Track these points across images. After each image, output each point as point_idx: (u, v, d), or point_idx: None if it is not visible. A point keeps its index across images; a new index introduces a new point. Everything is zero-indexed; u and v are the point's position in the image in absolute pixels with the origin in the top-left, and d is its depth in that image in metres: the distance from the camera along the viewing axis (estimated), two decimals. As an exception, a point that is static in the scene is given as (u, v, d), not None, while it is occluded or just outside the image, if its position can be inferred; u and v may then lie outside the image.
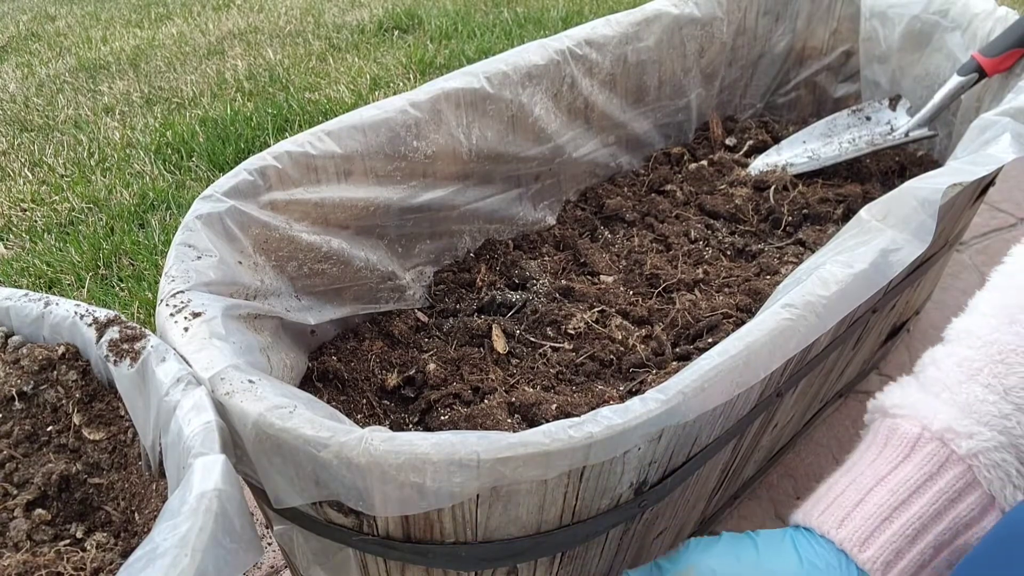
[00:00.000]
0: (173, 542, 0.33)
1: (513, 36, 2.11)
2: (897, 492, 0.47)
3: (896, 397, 0.51)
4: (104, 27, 2.51)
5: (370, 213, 0.76)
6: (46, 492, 0.46)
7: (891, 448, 0.49)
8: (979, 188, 0.83)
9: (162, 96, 1.89)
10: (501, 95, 0.84)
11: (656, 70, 1.03)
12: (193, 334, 0.50)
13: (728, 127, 1.16)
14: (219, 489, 0.37)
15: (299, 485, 0.44)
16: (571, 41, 0.91)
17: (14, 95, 1.95)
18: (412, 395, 0.70)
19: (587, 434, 0.42)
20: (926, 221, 0.56)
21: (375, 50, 2.09)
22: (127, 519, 0.46)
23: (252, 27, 2.37)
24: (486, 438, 0.41)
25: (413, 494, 0.41)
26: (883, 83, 1.09)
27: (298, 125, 1.64)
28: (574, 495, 0.46)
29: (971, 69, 0.87)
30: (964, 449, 0.46)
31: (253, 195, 0.65)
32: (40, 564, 0.41)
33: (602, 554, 0.56)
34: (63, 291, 1.17)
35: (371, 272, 0.77)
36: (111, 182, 1.45)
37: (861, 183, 0.98)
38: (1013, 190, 1.38)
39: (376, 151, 0.74)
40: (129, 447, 0.49)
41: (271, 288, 0.65)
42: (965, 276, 1.19)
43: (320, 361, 0.70)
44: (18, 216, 1.38)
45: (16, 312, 0.54)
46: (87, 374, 0.51)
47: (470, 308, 0.81)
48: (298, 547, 0.52)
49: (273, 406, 0.43)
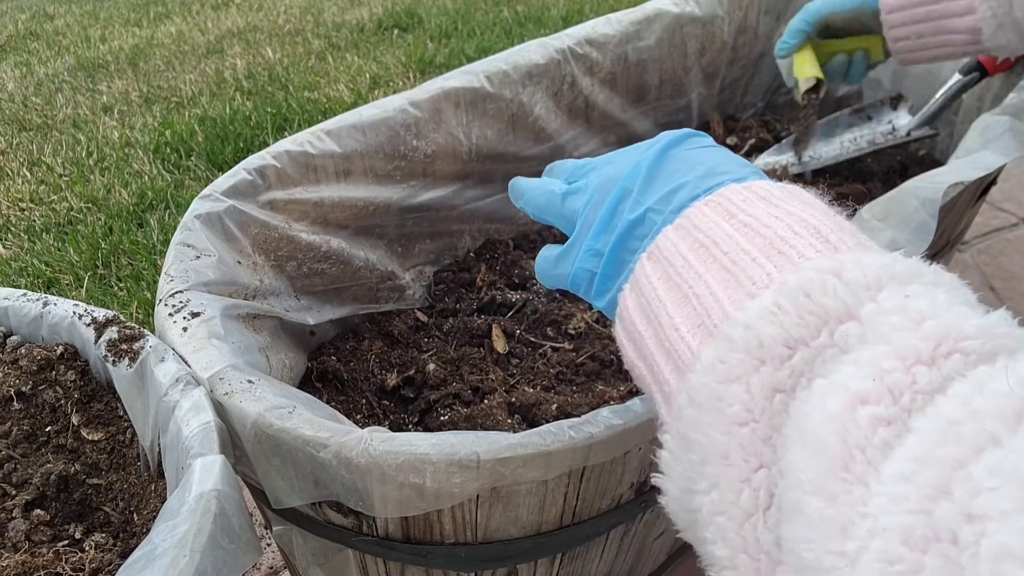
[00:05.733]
0: (172, 543, 0.33)
1: (513, 35, 2.11)
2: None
3: None
4: (103, 26, 2.51)
5: (370, 213, 0.75)
6: (45, 492, 0.46)
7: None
8: (980, 187, 0.83)
9: (161, 95, 1.89)
10: (501, 94, 0.84)
11: (657, 69, 1.02)
12: (192, 334, 0.49)
13: (729, 126, 1.16)
14: (218, 490, 0.36)
15: (298, 486, 0.44)
16: (571, 40, 0.91)
17: (12, 94, 1.94)
18: (412, 395, 0.70)
19: (587, 434, 0.42)
20: (927, 221, 0.56)
21: (375, 49, 2.09)
22: (126, 520, 0.46)
23: (251, 26, 2.37)
24: (486, 438, 0.41)
25: (412, 494, 0.41)
26: (885, 82, 1.09)
27: (297, 124, 1.64)
28: (574, 495, 0.46)
29: (973, 68, 0.87)
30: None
31: (252, 194, 0.65)
32: (39, 565, 0.40)
33: (603, 555, 0.56)
34: (61, 291, 1.17)
35: (371, 272, 0.76)
36: (110, 181, 1.45)
37: (862, 182, 0.98)
38: (1015, 189, 1.38)
39: (376, 150, 0.74)
40: (128, 447, 0.49)
41: (270, 288, 0.65)
42: (967, 276, 1.18)
43: (319, 361, 0.70)
44: (16, 216, 1.38)
45: (15, 312, 0.54)
46: (86, 374, 0.51)
47: (470, 308, 0.81)
48: (297, 548, 0.52)
49: (272, 406, 0.43)
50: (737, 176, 0.33)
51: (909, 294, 0.24)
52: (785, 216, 0.29)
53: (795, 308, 0.25)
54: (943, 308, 0.23)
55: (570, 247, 0.40)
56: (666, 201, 0.34)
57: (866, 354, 0.23)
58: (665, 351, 0.30)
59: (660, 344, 0.30)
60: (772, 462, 0.25)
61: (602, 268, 0.36)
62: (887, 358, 0.22)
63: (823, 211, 0.30)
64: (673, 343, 0.29)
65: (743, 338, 0.26)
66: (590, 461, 0.43)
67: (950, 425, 0.20)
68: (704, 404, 0.26)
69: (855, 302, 0.25)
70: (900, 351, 0.22)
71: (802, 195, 0.31)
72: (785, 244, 0.28)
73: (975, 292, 0.26)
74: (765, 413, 0.25)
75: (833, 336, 0.24)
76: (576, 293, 0.40)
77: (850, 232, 0.28)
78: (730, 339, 0.26)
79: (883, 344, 0.23)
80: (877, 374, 0.22)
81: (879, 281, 0.25)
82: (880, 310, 0.24)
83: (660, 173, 0.36)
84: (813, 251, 0.27)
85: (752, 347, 0.25)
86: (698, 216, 0.31)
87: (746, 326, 0.26)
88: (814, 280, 0.25)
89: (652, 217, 0.34)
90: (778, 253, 0.27)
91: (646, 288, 0.32)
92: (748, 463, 0.25)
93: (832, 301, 0.25)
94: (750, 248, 0.28)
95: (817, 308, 0.25)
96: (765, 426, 0.25)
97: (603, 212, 0.37)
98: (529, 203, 0.44)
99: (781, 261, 0.27)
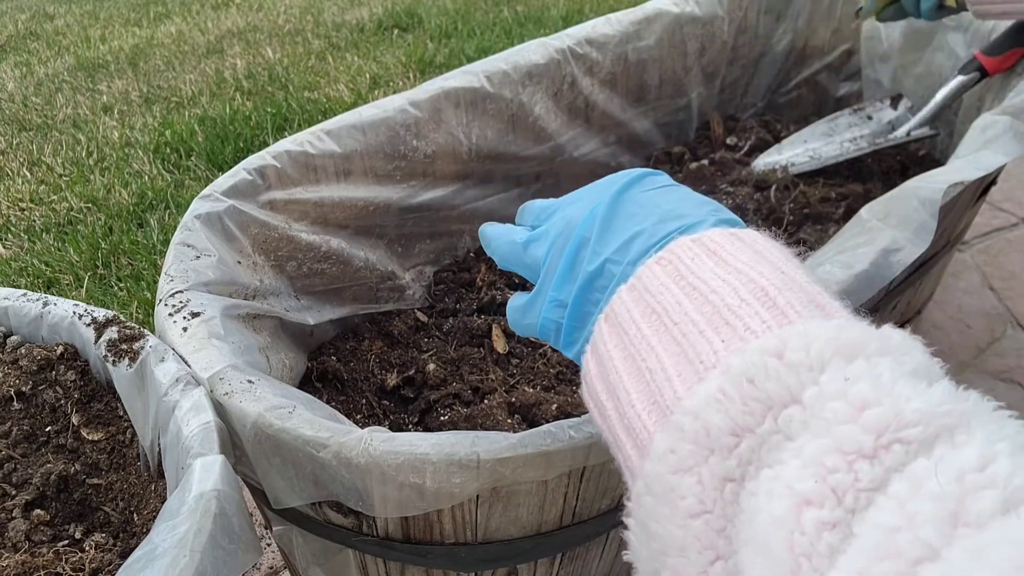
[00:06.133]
0: (172, 543, 0.33)
1: (513, 35, 2.11)
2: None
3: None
4: (103, 26, 2.51)
5: (369, 213, 0.75)
6: (45, 492, 0.46)
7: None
8: (980, 187, 0.83)
9: (161, 95, 1.89)
10: (501, 94, 0.84)
11: (657, 69, 1.02)
12: (192, 334, 0.49)
13: (729, 126, 1.16)
14: (218, 490, 0.36)
15: (298, 486, 0.44)
16: (571, 40, 0.91)
17: (12, 94, 1.94)
18: (412, 395, 0.70)
19: (588, 434, 0.42)
20: (927, 221, 0.56)
21: (375, 49, 2.09)
22: (126, 520, 0.46)
23: (251, 26, 2.37)
24: (486, 438, 0.41)
25: (412, 494, 0.41)
26: (885, 82, 1.09)
27: (297, 124, 1.64)
28: (574, 495, 0.46)
29: (973, 68, 0.87)
30: None
31: (252, 194, 0.65)
32: (39, 565, 0.40)
33: (603, 555, 0.56)
34: (61, 291, 1.17)
35: (370, 272, 0.76)
36: (110, 181, 1.45)
37: (863, 182, 0.98)
38: (1015, 189, 1.38)
39: (376, 150, 0.74)
40: (128, 447, 0.49)
41: (270, 288, 0.65)
42: (967, 276, 1.18)
43: (319, 361, 0.70)
44: (16, 216, 1.38)
45: (15, 312, 0.54)
46: (86, 374, 0.51)
47: (470, 308, 0.81)
48: (297, 548, 0.52)
49: (272, 406, 0.43)
50: (692, 221, 0.32)
51: (849, 376, 0.24)
52: (733, 278, 0.28)
53: (740, 395, 0.24)
54: (885, 390, 0.23)
55: (535, 296, 0.39)
56: (624, 251, 0.33)
57: (809, 447, 0.22)
58: (625, 427, 0.29)
59: (620, 418, 0.30)
60: (728, 554, 0.24)
61: (567, 320, 0.36)
62: (829, 454, 0.22)
63: (774, 265, 0.29)
64: (631, 420, 0.29)
65: (692, 428, 0.25)
66: (590, 461, 0.43)
67: (888, 534, 0.20)
68: (660, 495, 0.26)
69: (798, 385, 0.24)
70: (842, 445, 0.22)
71: (755, 243, 0.30)
72: (731, 313, 0.27)
73: (928, 353, 0.25)
74: (717, 504, 0.24)
75: (777, 421, 0.24)
76: (547, 343, 0.39)
77: (799, 289, 0.28)
78: (680, 428, 0.25)
79: (825, 437, 0.22)
80: (820, 473, 0.22)
81: (822, 360, 0.24)
82: (822, 394, 0.23)
83: (616, 219, 0.35)
84: (759, 321, 0.26)
85: (701, 437, 0.25)
86: (649, 277, 0.30)
87: (695, 415, 0.25)
88: (757, 364, 0.25)
89: (610, 268, 0.33)
90: (725, 324, 0.27)
91: (604, 356, 0.31)
92: (703, 555, 0.25)
93: (775, 386, 0.24)
94: (698, 319, 0.28)
95: (760, 394, 0.24)
96: (718, 517, 0.24)
97: (563, 262, 0.36)
98: (495, 253, 0.43)
99: (728, 334, 0.27)
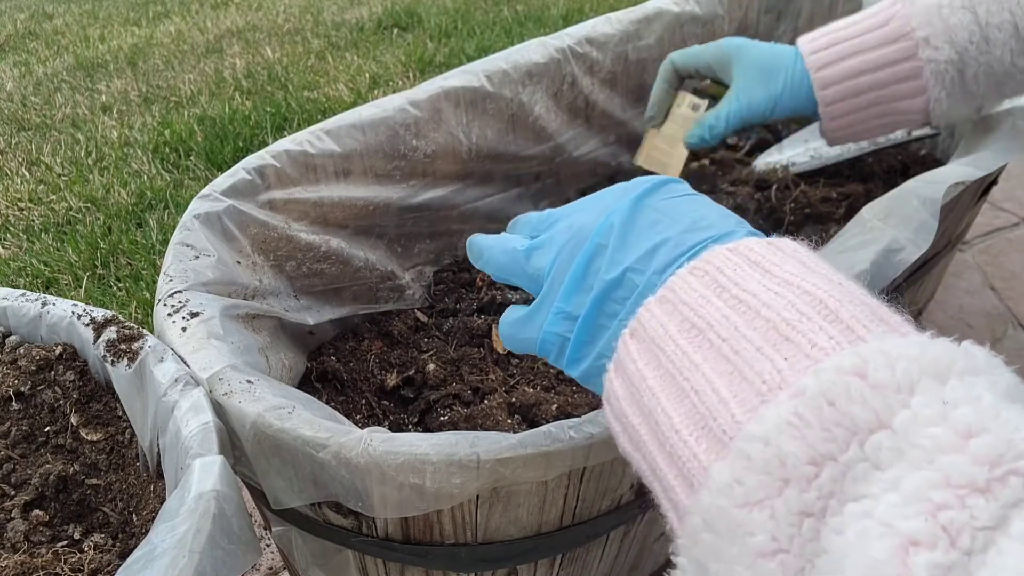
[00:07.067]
0: (171, 543, 0.33)
1: (513, 34, 2.11)
2: (859, 37, 0.62)
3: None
4: (102, 25, 2.51)
5: (369, 212, 0.75)
6: (44, 493, 0.46)
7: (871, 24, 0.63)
8: (981, 187, 0.83)
9: (160, 95, 1.89)
10: (501, 94, 0.84)
11: (657, 68, 1.02)
12: (191, 334, 0.49)
13: (728, 126, 1.15)
14: (217, 490, 0.36)
15: (298, 486, 0.44)
16: (571, 39, 0.91)
17: (11, 94, 1.94)
18: (411, 395, 0.70)
19: (587, 435, 0.42)
20: (928, 221, 0.56)
21: (374, 48, 2.09)
22: (125, 520, 0.46)
23: (250, 25, 2.37)
24: (486, 438, 0.41)
25: (412, 495, 0.41)
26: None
27: (297, 124, 1.64)
28: (574, 496, 0.46)
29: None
30: (925, 56, 0.60)
31: (251, 194, 0.64)
32: (38, 565, 0.40)
33: (603, 556, 0.56)
34: (60, 291, 1.17)
35: (370, 272, 0.76)
36: (109, 181, 1.45)
37: (863, 182, 0.98)
38: (1016, 189, 1.38)
39: (375, 150, 0.74)
40: (127, 448, 0.48)
41: (269, 288, 0.65)
42: (968, 276, 1.18)
43: (319, 361, 0.70)
44: (15, 215, 1.38)
45: (13, 312, 0.54)
46: (85, 374, 0.51)
47: (470, 308, 0.81)
48: (297, 549, 0.52)
49: (272, 406, 0.43)
50: (722, 231, 0.30)
51: (948, 400, 0.21)
52: (785, 289, 0.26)
53: (819, 419, 0.22)
54: (989, 416, 0.20)
55: (536, 309, 0.36)
56: (647, 260, 0.31)
57: (909, 480, 0.20)
58: (667, 454, 0.27)
59: (660, 445, 0.27)
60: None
61: (576, 334, 0.33)
62: (936, 488, 0.19)
63: (824, 275, 0.26)
64: (675, 447, 0.26)
65: (762, 456, 0.22)
66: (590, 461, 0.43)
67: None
68: (723, 532, 0.23)
69: (886, 409, 0.21)
70: (951, 478, 0.19)
71: (797, 253, 0.28)
72: (792, 330, 0.24)
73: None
74: (794, 542, 0.22)
75: (863, 448, 0.21)
76: (546, 359, 0.36)
77: (860, 302, 0.25)
78: (747, 457, 0.23)
79: (928, 469, 0.20)
80: (928, 510, 0.19)
81: (909, 380, 0.22)
82: (917, 419, 0.21)
83: (636, 227, 0.32)
84: (825, 337, 0.24)
85: (773, 467, 0.22)
86: (684, 288, 0.28)
87: (765, 442, 0.22)
88: (837, 385, 0.22)
89: (632, 278, 0.31)
90: (785, 341, 0.24)
91: (633, 374, 0.28)
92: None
93: (860, 410, 0.22)
94: (751, 334, 0.25)
95: (843, 419, 0.22)
96: (796, 557, 0.22)
97: (573, 271, 0.33)
98: (489, 263, 0.39)
99: (791, 352, 0.24)
